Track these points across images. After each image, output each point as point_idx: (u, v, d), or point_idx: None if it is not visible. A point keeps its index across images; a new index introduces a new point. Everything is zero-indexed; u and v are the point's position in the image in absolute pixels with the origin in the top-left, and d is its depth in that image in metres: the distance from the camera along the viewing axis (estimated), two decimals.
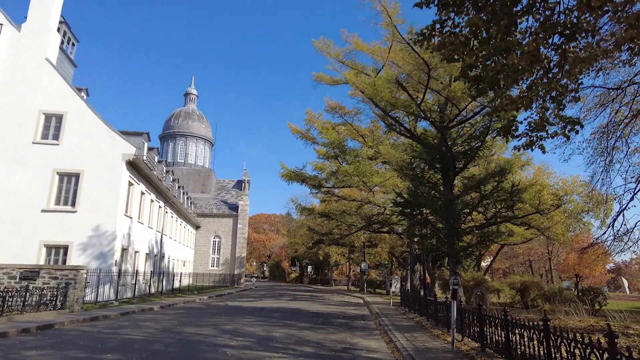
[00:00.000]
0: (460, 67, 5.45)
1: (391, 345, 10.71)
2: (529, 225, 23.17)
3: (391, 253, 40.23)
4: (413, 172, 21.22)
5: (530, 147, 6.19)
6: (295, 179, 26.51)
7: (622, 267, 58.46)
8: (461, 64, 5.36)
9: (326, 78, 22.75)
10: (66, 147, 21.85)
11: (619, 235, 14.72)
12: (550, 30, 4.56)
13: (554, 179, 28.10)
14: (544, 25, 4.51)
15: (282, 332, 12.48)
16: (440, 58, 5.16)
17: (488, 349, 9.06)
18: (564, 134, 5.76)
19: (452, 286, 10.21)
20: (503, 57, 4.73)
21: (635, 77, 14.05)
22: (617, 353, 4.72)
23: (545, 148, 6.43)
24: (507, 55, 4.63)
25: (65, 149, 21.82)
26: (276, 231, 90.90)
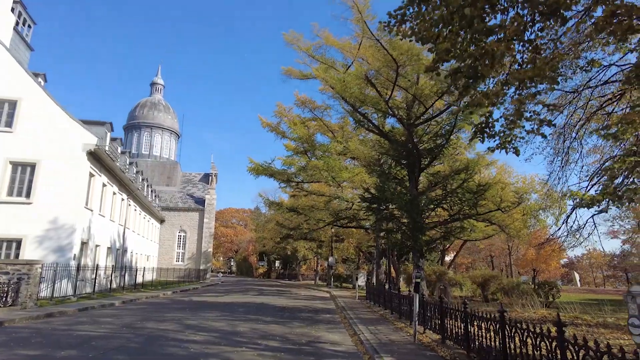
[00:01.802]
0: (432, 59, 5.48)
1: (355, 338, 10.86)
2: (491, 222, 23.96)
3: (358, 248, 40.76)
4: (380, 168, 21.51)
5: (504, 148, 6.09)
6: (263, 174, 26.28)
7: (575, 262, 61.65)
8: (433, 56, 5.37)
9: (296, 72, 22.63)
10: (20, 135, 20.74)
11: (572, 231, 15.50)
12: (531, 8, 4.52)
13: (515, 178, 29.26)
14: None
15: (247, 327, 12.41)
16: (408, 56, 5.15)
17: (448, 341, 9.36)
18: (539, 132, 5.85)
19: (415, 279, 10.44)
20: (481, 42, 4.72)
21: (590, 82, 14.75)
22: (564, 341, 4.99)
23: (519, 151, 6.15)
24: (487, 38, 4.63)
25: (19, 138, 20.71)
26: (244, 226, 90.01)
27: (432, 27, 4.77)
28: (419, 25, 4.85)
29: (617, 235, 48.28)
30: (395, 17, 5.27)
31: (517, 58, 5.02)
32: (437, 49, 4.85)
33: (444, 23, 4.70)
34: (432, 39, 4.84)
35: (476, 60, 4.54)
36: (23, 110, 21.04)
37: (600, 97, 15.47)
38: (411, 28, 5.11)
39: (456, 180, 19.43)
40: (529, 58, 5.03)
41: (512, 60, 5.23)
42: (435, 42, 4.83)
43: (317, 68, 20.37)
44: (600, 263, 57.97)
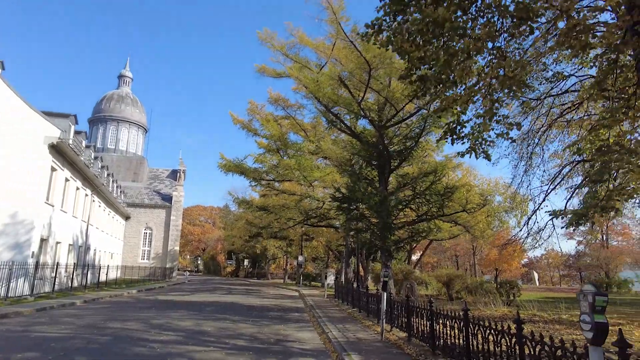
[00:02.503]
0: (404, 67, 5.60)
1: (323, 336, 10.96)
2: (456, 223, 24.69)
3: (327, 247, 40.96)
4: (352, 168, 21.74)
5: (474, 151, 6.14)
6: (234, 171, 26.01)
7: (534, 262, 64.34)
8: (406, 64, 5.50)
9: (269, 70, 22.52)
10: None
11: (532, 232, 16.22)
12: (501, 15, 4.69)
13: (480, 180, 30.24)
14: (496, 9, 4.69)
15: (215, 326, 12.29)
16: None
17: (414, 339, 9.61)
18: (507, 135, 6.07)
19: (383, 278, 10.65)
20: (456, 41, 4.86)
21: (552, 90, 15.46)
22: (523, 337, 5.27)
23: (490, 156, 6.22)
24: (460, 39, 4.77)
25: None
26: (212, 224, 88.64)
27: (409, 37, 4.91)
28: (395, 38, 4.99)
29: (573, 236, 50.78)
30: (372, 27, 5.40)
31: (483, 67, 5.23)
32: (410, 58, 4.99)
33: (420, 33, 4.85)
34: (407, 49, 4.99)
35: (447, 63, 4.71)
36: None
37: (561, 105, 16.22)
38: (388, 37, 5.24)
39: (425, 182, 19.91)
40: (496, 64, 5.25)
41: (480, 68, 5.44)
42: (409, 51, 4.97)
43: (291, 67, 20.36)
44: (557, 263, 60.71)
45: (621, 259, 45.65)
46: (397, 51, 4.99)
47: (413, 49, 4.94)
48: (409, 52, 4.96)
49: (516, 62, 4.99)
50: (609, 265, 45.84)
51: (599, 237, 46.63)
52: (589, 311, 3.66)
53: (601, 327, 3.61)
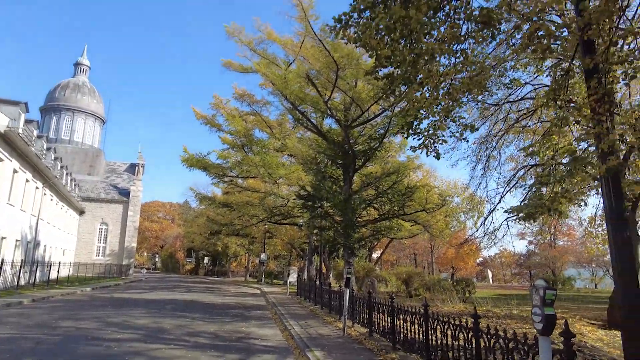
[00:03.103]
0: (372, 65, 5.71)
1: (286, 333, 10.99)
2: (416, 222, 25.39)
3: (290, 244, 40.98)
4: (317, 166, 21.87)
5: (426, 147, 6.37)
6: (197, 166, 25.46)
7: (488, 261, 67.21)
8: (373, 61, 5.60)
9: (235, 65, 22.20)
10: None
11: (488, 232, 16.99)
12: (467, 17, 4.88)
13: (439, 182, 31.25)
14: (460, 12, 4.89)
15: (175, 324, 12.04)
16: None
17: (375, 334, 9.84)
18: (461, 136, 6.32)
19: (346, 275, 10.82)
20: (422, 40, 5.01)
21: (509, 97, 16.22)
22: (479, 331, 5.55)
23: (439, 154, 6.49)
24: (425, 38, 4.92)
25: None
26: (171, 220, 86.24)
27: (376, 34, 5.02)
28: (363, 33, 5.08)
29: (525, 236, 53.49)
30: (340, 22, 5.47)
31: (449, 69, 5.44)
32: (377, 56, 5.11)
33: (388, 31, 4.97)
34: (375, 46, 5.09)
35: (413, 64, 4.86)
36: None
37: (518, 111, 17.04)
38: (356, 33, 5.33)
39: (387, 181, 20.35)
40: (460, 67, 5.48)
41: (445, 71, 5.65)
42: (377, 48, 5.09)
43: (259, 62, 20.19)
44: (510, 262, 63.73)
45: (566, 258, 48.55)
46: (364, 47, 5.07)
47: (381, 46, 5.06)
48: (377, 49, 5.07)
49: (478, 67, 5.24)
50: (556, 264, 48.67)
51: (547, 238, 49.38)
52: (540, 304, 3.92)
53: (550, 318, 3.88)
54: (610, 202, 4.71)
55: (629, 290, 4.73)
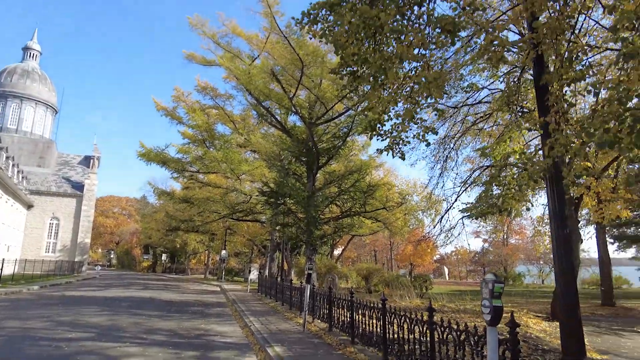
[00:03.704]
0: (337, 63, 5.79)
1: (246, 329, 10.97)
2: (377, 219, 25.90)
3: (252, 241, 40.63)
4: (281, 163, 21.83)
5: (392, 149, 6.57)
6: (155, 161, 24.71)
7: (445, 258, 69.50)
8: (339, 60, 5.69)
9: (198, 57, 21.72)
10: None
11: (444, 230, 17.64)
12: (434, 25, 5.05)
13: (400, 181, 32.02)
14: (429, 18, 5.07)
15: (131, 322, 11.70)
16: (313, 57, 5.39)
17: (335, 329, 10.01)
18: (424, 138, 6.54)
19: (307, 271, 10.93)
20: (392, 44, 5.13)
21: (467, 100, 16.88)
22: (433, 324, 5.80)
23: (405, 155, 6.68)
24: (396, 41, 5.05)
25: None
26: (128, 216, 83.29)
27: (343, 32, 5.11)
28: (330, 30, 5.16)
29: (480, 235, 55.81)
30: (308, 16, 5.51)
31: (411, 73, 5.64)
32: (343, 53, 5.20)
33: (354, 29, 5.07)
34: (342, 43, 5.18)
35: (381, 68, 4.99)
36: None
37: (475, 114, 17.75)
38: (322, 29, 5.39)
39: (350, 179, 20.63)
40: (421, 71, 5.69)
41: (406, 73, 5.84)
42: (344, 46, 5.18)
43: (222, 56, 19.87)
44: (465, 259, 66.20)
45: (517, 255, 51.12)
46: (333, 43, 5.14)
47: (348, 43, 5.15)
48: (344, 47, 5.16)
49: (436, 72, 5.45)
50: (507, 261, 51.12)
51: (500, 236, 51.78)
52: (489, 297, 4.17)
53: (498, 310, 4.14)
54: (554, 203, 5.06)
55: (569, 289, 5.11)
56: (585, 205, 20.38)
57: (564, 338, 5.00)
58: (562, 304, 5.04)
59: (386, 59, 4.94)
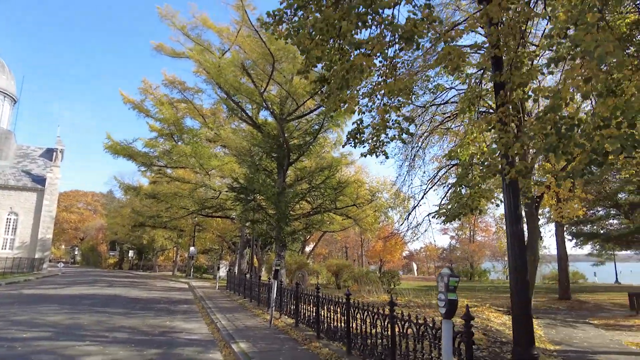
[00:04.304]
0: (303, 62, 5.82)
1: (212, 326, 10.87)
2: (347, 216, 26.14)
3: (222, 238, 40.19)
4: (251, 159, 21.64)
5: (374, 152, 6.75)
6: (122, 154, 24.02)
7: (415, 254, 70.94)
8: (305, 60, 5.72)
9: (167, 49, 21.25)
10: None
11: (411, 227, 18.02)
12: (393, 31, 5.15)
13: (370, 178, 32.41)
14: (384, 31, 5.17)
15: (93, 320, 11.37)
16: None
17: (302, 324, 10.06)
18: (400, 138, 6.68)
19: (275, 267, 10.93)
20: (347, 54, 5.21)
21: (435, 100, 17.24)
22: (394, 318, 5.93)
23: (387, 154, 6.95)
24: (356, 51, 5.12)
25: None
26: (93, 211, 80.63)
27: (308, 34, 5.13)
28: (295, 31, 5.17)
29: (447, 232, 57.25)
30: (273, 17, 5.51)
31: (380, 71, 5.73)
32: (308, 55, 5.23)
33: (319, 32, 5.10)
34: (307, 45, 5.20)
35: (347, 73, 5.05)
36: None
37: (443, 114, 18.16)
38: (287, 30, 5.40)
39: (320, 176, 20.71)
40: (388, 73, 5.78)
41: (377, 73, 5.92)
42: (308, 48, 5.21)
43: (192, 48, 19.50)
44: (434, 255, 67.77)
45: (482, 252, 52.75)
46: (296, 45, 5.18)
47: (312, 46, 5.18)
48: (309, 48, 5.19)
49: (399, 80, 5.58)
50: (474, 258, 52.69)
51: (467, 233, 53.29)
52: (444, 290, 4.30)
53: (453, 303, 4.29)
54: (509, 201, 5.27)
55: (521, 285, 5.33)
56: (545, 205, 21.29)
57: (515, 330, 5.23)
58: (515, 299, 5.26)
59: (347, 70, 5.01)
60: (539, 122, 3.88)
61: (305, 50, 5.18)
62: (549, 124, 3.70)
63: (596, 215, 34.43)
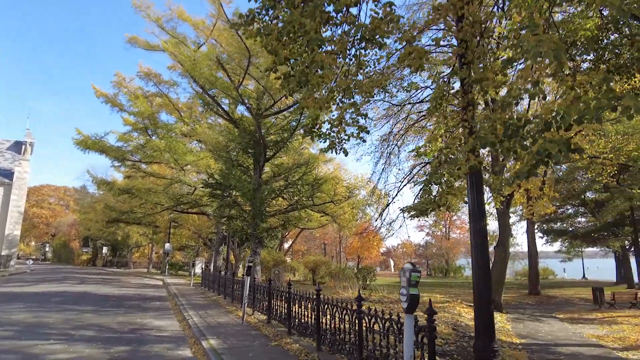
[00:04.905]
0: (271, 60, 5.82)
1: (184, 323, 10.76)
2: (325, 213, 26.22)
3: (198, 234, 39.71)
4: (227, 154, 21.43)
5: (333, 149, 6.76)
6: (93, 148, 23.38)
7: (392, 251, 71.79)
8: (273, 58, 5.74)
9: (142, 41, 20.75)
10: None
11: (385, 223, 18.23)
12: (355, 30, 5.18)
13: (348, 175, 32.56)
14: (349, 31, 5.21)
15: (60, 318, 11.08)
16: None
17: (274, 320, 10.07)
18: (359, 136, 6.74)
19: (248, 263, 10.88)
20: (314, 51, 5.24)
21: (411, 99, 17.46)
22: (361, 313, 6.00)
23: (347, 152, 6.88)
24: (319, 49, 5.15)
25: None
26: (65, 207, 78.37)
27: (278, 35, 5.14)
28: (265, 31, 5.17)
29: (423, 229, 58.11)
30: (244, 18, 5.50)
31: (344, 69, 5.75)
32: (277, 54, 5.23)
33: (286, 34, 5.12)
34: (275, 46, 5.21)
35: (307, 68, 5.07)
36: None
37: (418, 112, 18.41)
38: (257, 29, 5.39)
39: (297, 172, 20.69)
40: (354, 71, 5.82)
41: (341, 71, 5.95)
42: (277, 48, 5.21)
43: (167, 41, 19.12)
44: (410, 252, 68.72)
45: (458, 249, 53.79)
46: (264, 46, 5.19)
47: (280, 46, 5.19)
48: (277, 49, 5.20)
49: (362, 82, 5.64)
50: (449, 254, 53.68)
51: (442, 230, 54.22)
52: (406, 285, 4.37)
53: (414, 298, 4.36)
54: (473, 197, 5.39)
55: (484, 281, 5.48)
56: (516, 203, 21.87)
57: (477, 325, 5.37)
58: (477, 294, 5.39)
59: (307, 66, 5.02)
60: (489, 121, 3.99)
61: (273, 52, 5.18)
62: (499, 122, 3.80)
63: (565, 214, 35.62)
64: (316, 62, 4.92)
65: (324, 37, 4.99)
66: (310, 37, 4.73)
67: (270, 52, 5.32)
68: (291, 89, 5.51)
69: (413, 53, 4.66)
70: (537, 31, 3.20)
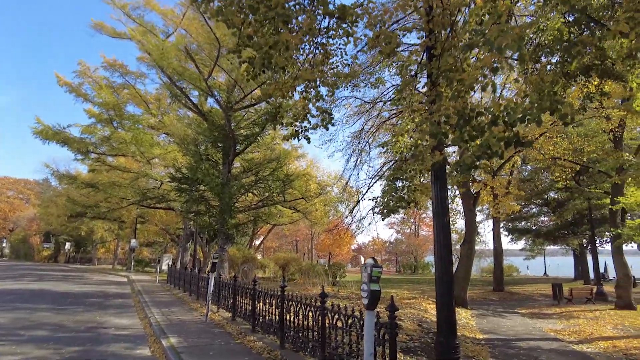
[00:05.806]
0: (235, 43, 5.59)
1: (145, 321, 10.40)
2: (296, 209, 26.06)
3: (165, 230, 38.76)
4: (196, 148, 20.92)
5: (296, 137, 6.58)
6: (54, 139, 22.32)
7: (363, 247, 72.42)
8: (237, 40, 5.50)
9: (108, 28, 19.92)
10: None
11: (355, 220, 18.27)
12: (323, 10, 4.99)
13: (320, 173, 32.49)
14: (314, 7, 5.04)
15: (11, 317, 10.49)
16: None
17: (239, 318, 9.86)
18: (324, 125, 6.60)
19: (212, 260, 10.61)
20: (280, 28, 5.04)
21: (383, 96, 17.52)
22: (324, 309, 5.90)
23: (310, 139, 6.78)
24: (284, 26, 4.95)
25: None
26: (25, 201, 74.97)
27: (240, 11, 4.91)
28: (226, 8, 4.93)
29: (393, 226, 58.88)
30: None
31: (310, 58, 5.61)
32: (240, 35, 5.01)
33: (251, 10, 4.90)
34: (238, 24, 4.98)
35: (271, 49, 4.87)
36: None
37: (390, 110, 18.51)
38: (219, 8, 5.14)
39: (268, 168, 20.42)
40: (319, 60, 5.68)
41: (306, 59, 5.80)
42: (240, 27, 4.99)
43: (134, 29, 18.44)
44: (380, 249, 69.52)
45: (426, 246, 54.75)
46: (226, 23, 4.93)
47: (244, 25, 4.97)
48: (238, 26, 4.96)
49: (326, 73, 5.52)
50: (418, 251, 54.61)
51: (411, 228, 55.10)
52: (367, 281, 4.29)
53: (375, 294, 4.28)
54: (436, 191, 5.38)
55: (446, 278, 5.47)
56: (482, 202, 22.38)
57: (438, 320, 5.37)
58: (439, 290, 5.38)
59: (271, 46, 4.84)
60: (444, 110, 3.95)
61: (236, 27, 4.94)
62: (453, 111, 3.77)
63: (529, 213, 36.89)
64: (281, 41, 4.74)
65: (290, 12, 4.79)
66: (277, 12, 4.53)
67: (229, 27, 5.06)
68: (255, 73, 5.29)
69: (380, 37, 4.55)
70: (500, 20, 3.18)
